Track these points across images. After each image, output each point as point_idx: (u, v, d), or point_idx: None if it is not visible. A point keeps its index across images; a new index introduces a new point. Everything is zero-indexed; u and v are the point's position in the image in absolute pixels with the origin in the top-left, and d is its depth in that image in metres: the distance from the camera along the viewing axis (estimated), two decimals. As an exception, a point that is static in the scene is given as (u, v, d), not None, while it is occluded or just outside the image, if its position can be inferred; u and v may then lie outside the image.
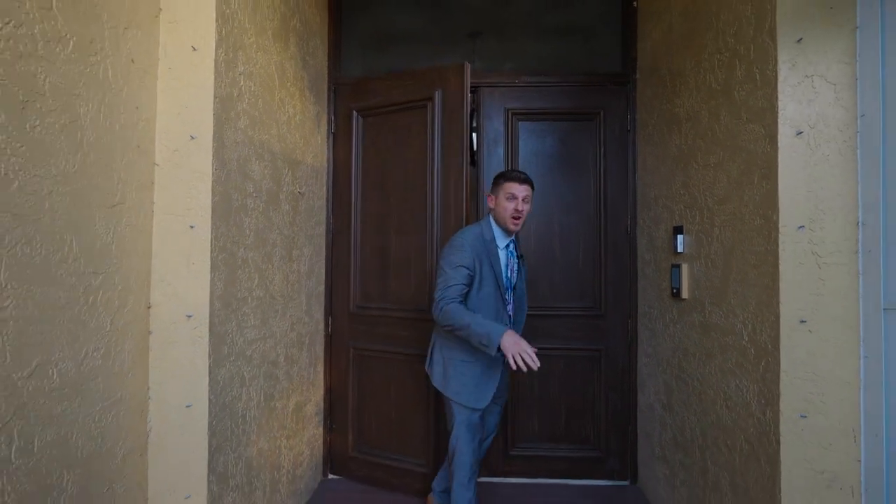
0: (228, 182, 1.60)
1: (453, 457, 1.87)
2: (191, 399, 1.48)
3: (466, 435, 1.84)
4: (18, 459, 1.05)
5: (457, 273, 1.71)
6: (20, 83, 1.04)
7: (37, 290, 1.09)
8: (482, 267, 1.78)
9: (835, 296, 1.40)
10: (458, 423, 1.85)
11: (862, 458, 1.38)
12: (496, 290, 1.82)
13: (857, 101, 1.41)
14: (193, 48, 1.50)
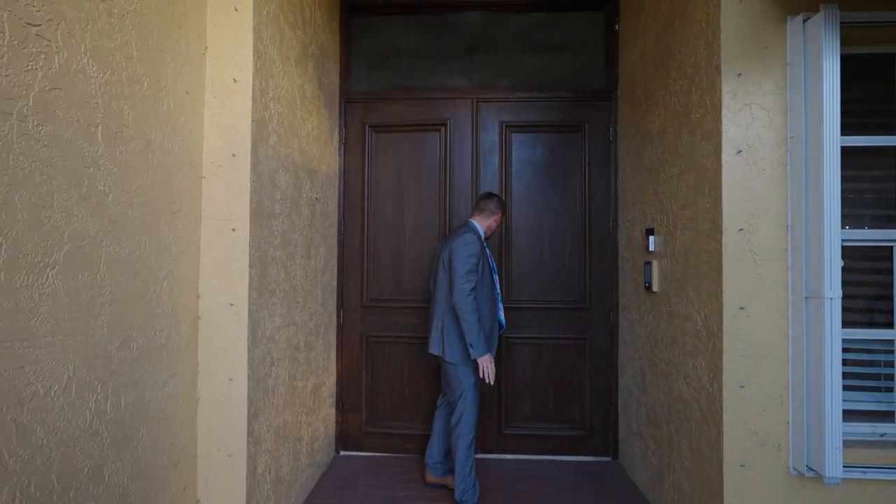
0: (262, 191, 1.90)
1: (460, 422, 2.21)
2: (232, 374, 1.78)
3: (476, 397, 2.27)
4: (111, 412, 1.34)
5: (471, 261, 2.19)
6: (113, 118, 1.34)
7: (123, 280, 1.38)
8: (480, 261, 2.26)
9: (768, 287, 1.69)
10: (468, 388, 2.23)
11: (789, 421, 1.67)
12: (491, 276, 2.33)
13: (786, 125, 1.70)
14: (235, 80, 1.80)
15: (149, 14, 1.48)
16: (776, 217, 1.70)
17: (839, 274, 1.56)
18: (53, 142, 1.15)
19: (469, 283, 2.15)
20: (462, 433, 2.21)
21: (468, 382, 2.23)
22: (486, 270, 2.30)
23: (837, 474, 1.54)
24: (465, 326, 2.14)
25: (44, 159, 1.12)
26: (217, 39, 1.80)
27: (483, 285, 2.26)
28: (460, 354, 2.23)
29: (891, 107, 1.82)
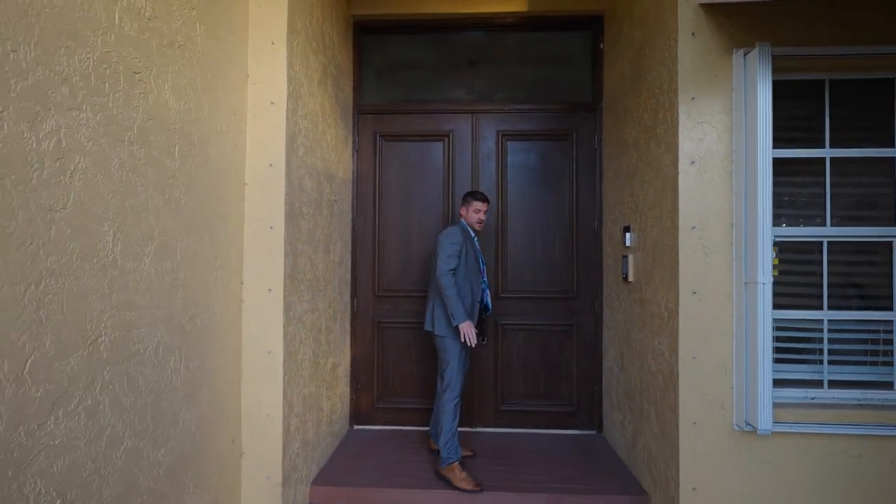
0: (293, 195, 2.25)
1: (447, 389, 2.55)
2: (270, 347, 2.13)
3: (460, 366, 2.60)
4: (184, 372, 1.70)
5: (452, 248, 2.55)
6: (185, 139, 1.69)
7: (191, 268, 1.74)
8: (466, 247, 2.59)
9: (716, 275, 2.04)
10: (452, 357, 2.56)
11: (733, 385, 2.02)
12: (476, 262, 2.65)
13: (732, 140, 2.04)
14: (271, 102, 2.15)
15: (207, 53, 1.83)
16: (723, 217, 2.04)
17: (770, 263, 1.90)
18: (148, 160, 1.50)
19: (447, 264, 2.50)
20: (447, 399, 2.54)
21: (453, 353, 2.56)
22: (471, 256, 2.62)
23: (768, 427, 1.88)
24: (445, 300, 2.48)
25: (142, 173, 1.48)
26: (257, 68, 2.16)
27: (467, 269, 2.59)
28: (446, 328, 2.55)
29: (821, 123, 2.15)
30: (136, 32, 1.43)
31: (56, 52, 1.16)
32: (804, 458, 2.00)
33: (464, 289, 2.57)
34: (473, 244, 2.68)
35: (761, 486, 2.01)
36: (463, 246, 2.58)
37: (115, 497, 1.37)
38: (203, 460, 1.82)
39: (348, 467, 2.70)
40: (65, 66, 1.18)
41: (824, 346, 2.10)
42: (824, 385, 2.10)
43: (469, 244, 2.63)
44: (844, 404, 2.05)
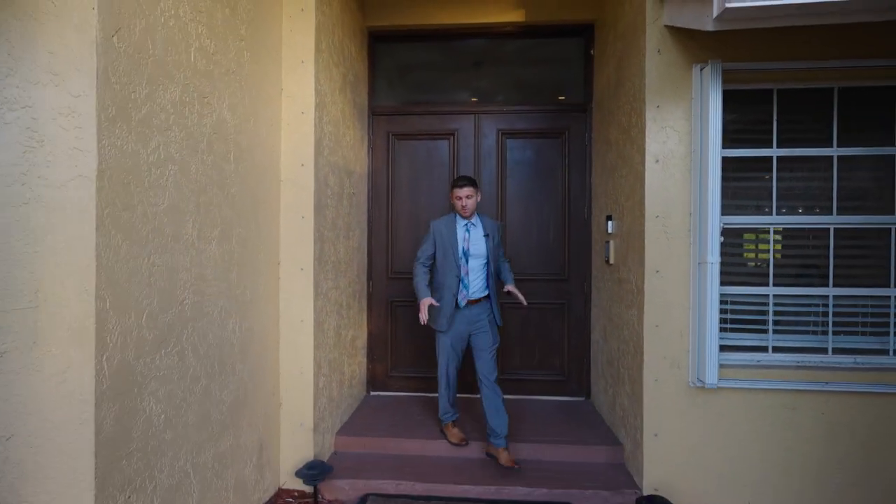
0: (320, 190, 2.67)
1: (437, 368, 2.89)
2: (302, 317, 2.57)
3: (441, 355, 2.83)
4: (238, 332, 2.14)
5: (424, 239, 2.81)
6: (237, 147, 2.11)
7: (242, 250, 2.17)
8: (444, 240, 2.76)
9: (675, 256, 2.41)
10: (439, 353, 2.84)
11: (688, 349, 2.40)
12: (453, 255, 2.74)
13: (690, 142, 2.40)
14: (302, 112, 2.56)
15: (252, 74, 2.24)
16: (682, 207, 2.41)
17: (718, 246, 2.28)
18: (213, 165, 1.92)
19: (418, 261, 2.80)
20: (438, 375, 2.89)
21: (440, 348, 2.83)
22: (448, 247, 2.74)
23: (714, 382, 2.27)
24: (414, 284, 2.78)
25: (209, 176, 1.90)
26: (289, 83, 2.57)
27: (444, 261, 2.76)
28: (435, 323, 2.80)
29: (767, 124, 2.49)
30: (204, 66, 1.85)
31: (156, 89, 1.58)
32: (748, 410, 2.39)
33: (441, 279, 2.77)
34: (454, 235, 2.75)
35: (711, 433, 2.40)
36: (437, 237, 2.76)
37: (196, 422, 1.82)
38: (252, 405, 2.27)
39: (366, 423, 3.15)
40: (162, 98, 1.61)
41: (769, 318, 2.47)
42: (769, 350, 2.47)
43: (449, 235, 2.74)
44: (785, 366, 2.42)
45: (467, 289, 2.74)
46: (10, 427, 1.33)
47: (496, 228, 2.87)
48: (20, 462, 1.34)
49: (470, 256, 2.75)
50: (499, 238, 2.89)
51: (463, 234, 2.76)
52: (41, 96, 1.32)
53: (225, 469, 2.03)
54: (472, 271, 2.76)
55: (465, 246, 2.75)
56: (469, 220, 2.78)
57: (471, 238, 2.76)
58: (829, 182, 2.44)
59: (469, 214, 2.75)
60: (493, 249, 2.81)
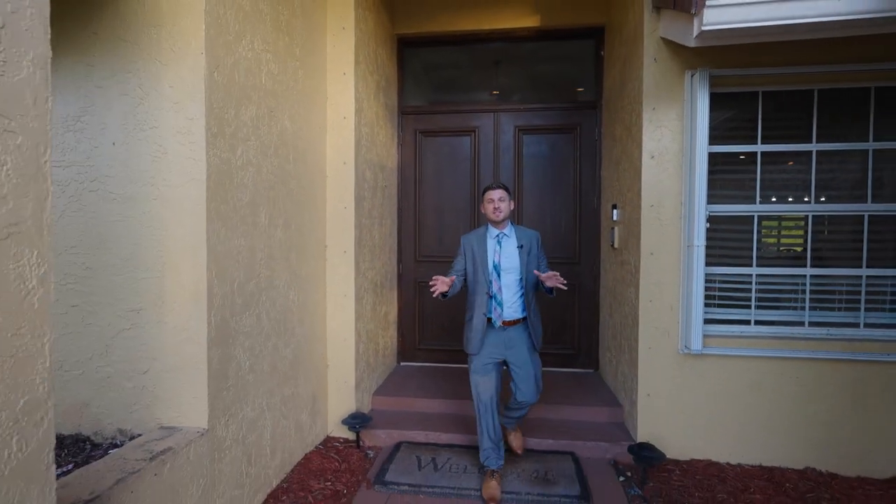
0: (359, 184, 3.10)
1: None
2: (346, 292, 3.03)
3: (473, 382, 2.50)
4: (297, 302, 2.60)
5: (456, 261, 2.57)
6: (295, 149, 2.56)
7: (300, 235, 2.62)
8: (475, 254, 2.49)
9: (668, 240, 2.76)
10: (469, 372, 2.53)
11: (678, 320, 2.76)
12: (483, 270, 2.47)
13: (682, 140, 2.73)
14: (344, 117, 2.99)
15: (305, 87, 2.68)
16: (674, 198, 2.75)
17: (704, 231, 2.62)
18: (278, 166, 2.38)
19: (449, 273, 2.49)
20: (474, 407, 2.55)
21: (471, 370, 2.52)
22: (479, 263, 2.46)
23: (699, 348, 2.63)
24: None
25: (276, 175, 2.35)
26: (333, 93, 3.00)
27: (475, 279, 2.47)
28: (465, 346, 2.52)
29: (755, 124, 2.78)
30: (271, 86, 2.29)
31: (240, 109, 2.03)
32: (731, 374, 2.74)
33: (473, 297, 2.49)
34: (485, 248, 2.47)
35: (697, 393, 2.76)
36: (468, 252, 2.51)
37: (268, 371, 2.30)
38: (306, 363, 2.75)
39: (397, 387, 3.62)
40: (244, 115, 2.06)
41: (752, 295, 2.80)
42: (752, 323, 2.81)
43: (480, 248, 2.47)
44: (765, 336, 2.75)
45: (501, 307, 2.43)
46: (146, 364, 1.82)
47: (534, 239, 2.53)
48: (154, 389, 1.83)
49: (502, 271, 2.44)
50: (538, 249, 2.53)
51: (494, 246, 2.48)
52: (165, 119, 1.78)
53: (289, 411, 2.52)
54: (506, 287, 2.44)
55: (497, 259, 2.45)
56: (501, 231, 2.49)
57: (502, 250, 2.46)
58: (808, 174, 2.74)
59: (501, 220, 2.45)
60: (529, 262, 2.47)
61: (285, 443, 2.49)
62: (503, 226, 2.50)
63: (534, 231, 2.59)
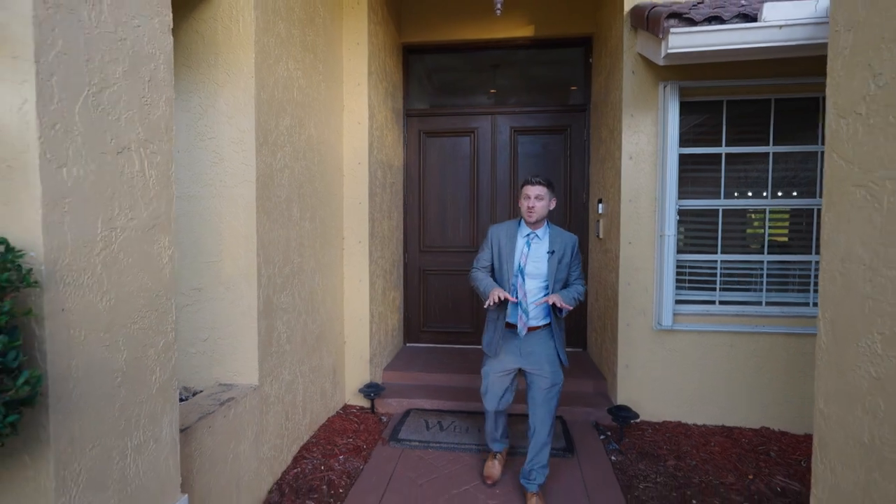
0: (372, 181, 3.49)
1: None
2: (360, 277, 3.43)
3: (484, 381, 2.38)
4: (320, 285, 3.00)
5: (482, 252, 2.38)
6: (318, 153, 2.94)
7: (323, 226, 3.01)
8: (502, 249, 2.29)
9: (644, 231, 3.17)
10: (483, 372, 2.39)
11: (653, 300, 3.17)
12: (508, 267, 2.25)
13: (657, 143, 3.12)
14: (358, 123, 3.37)
15: (326, 98, 3.05)
16: (649, 193, 3.15)
17: (675, 223, 3.02)
18: (306, 167, 2.76)
19: (473, 268, 2.38)
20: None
21: (484, 367, 2.41)
22: (505, 258, 2.26)
23: (669, 324, 3.05)
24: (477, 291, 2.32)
25: (304, 174, 2.74)
26: (349, 101, 3.37)
27: (499, 275, 2.29)
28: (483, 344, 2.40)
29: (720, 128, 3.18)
30: (301, 98, 2.67)
31: (279, 120, 2.41)
32: (697, 347, 3.16)
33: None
34: (513, 245, 2.26)
35: (668, 364, 3.18)
36: (495, 245, 2.31)
37: (299, 342, 2.70)
38: (328, 339, 3.15)
39: (405, 363, 4.03)
40: (281, 125, 2.44)
41: (717, 279, 3.21)
42: (716, 303, 3.22)
43: (508, 244, 2.27)
44: (727, 314, 3.17)
45: (527, 314, 2.22)
46: (206, 333, 2.22)
47: (569, 245, 2.28)
48: (212, 354, 2.22)
49: (527, 276, 2.22)
50: (572, 257, 2.28)
51: (522, 246, 2.26)
52: (222, 130, 2.16)
53: (315, 379, 2.93)
54: (530, 294, 2.22)
55: (522, 262, 2.23)
56: (534, 231, 2.27)
57: (530, 253, 2.24)
58: (765, 173, 3.14)
59: (535, 220, 2.23)
60: (560, 270, 2.24)
61: (313, 406, 2.90)
62: (538, 226, 2.27)
63: (571, 235, 2.32)
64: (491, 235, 2.35)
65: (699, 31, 2.46)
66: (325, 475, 2.52)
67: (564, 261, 2.25)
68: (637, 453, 2.82)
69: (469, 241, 4.50)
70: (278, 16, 2.37)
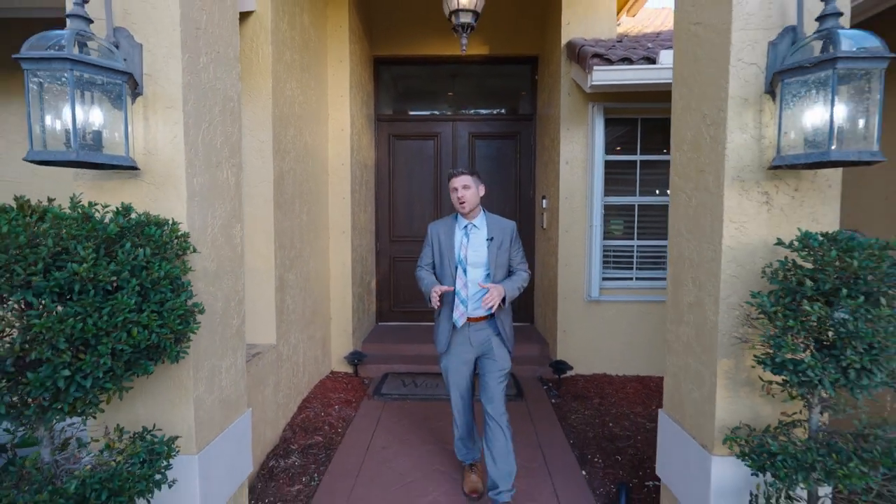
0: (352, 180, 4.06)
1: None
2: (344, 262, 4.00)
3: (446, 382, 2.39)
4: (314, 267, 3.56)
5: (424, 250, 2.43)
6: (312, 157, 3.49)
7: (315, 218, 3.57)
8: (442, 245, 2.33)
9: (577, 222, 3.94)
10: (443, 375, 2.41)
11: (584, 277, 3.96)
12: (449, 261, 2.28)
13: (587, 151, 3.90)
14: (342, 130, 3.93)
15: (317, 109, 3.60)
16: (581, 192, 3.93)
17: (601, 214, 3.81)
18: (304, 169, 3.31)
19: (418, 267, 2.45)
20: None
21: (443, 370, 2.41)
22: (445, 253, 2.29)
23: (596, 296, 3.85)
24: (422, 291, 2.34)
25: (303, 175, 3.29)
26: (333, 111, 3.93)
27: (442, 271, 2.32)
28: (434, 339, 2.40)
29: (636, 139, 4.00)
30: (300, 112, 3.22)
31: (285, 131, 2.96)
32: (618, 314, 3.98)
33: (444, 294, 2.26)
34: (452, 240, 2.29)
35: (596, 328, 3.99)
36: (435, 242, 2.35)
37: (301, 314, 3.26)
38: (319, 314, 3.72)
39: (380, 337, 4.64)
40: (287, 135, 2.99)
41: (633, 260, 4.05)
42: (633, 279, 4.05)
43: (447, 240, 2.30)
44: (642, 288, 4.01)
45: (465, 304, 2.24)
46: (232, 303, 2.76)
47: (507, 231, 2.33)
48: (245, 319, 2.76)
49: (468, 265, 2.25)
50: (510, 242, 2.32)
51: (461, 238, 2.29)
52: (246, 142, 2.70)
53: (312, 346, 3.50)
54: (473, 283, 2.25)
55: (463, 253, 2.26)
56: (471, 222, 2.31)
57: (469, 243, 2.27)
58: (670, 176, 3.99)
59: (469, 211, 2.28)
60: (500, 255, 2.28)
61: (309, 368, 3.47)
62: (473, 216, 2.31)
63: (509, 222, 2.38)
64: (430, 233, 2.40)
65: (615, 69, 3.23)
66: (326, 419, 3.12)
67: (504, 246, 2.29)
68: (571, 396, 3.60)
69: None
70: (285, 46, 2.92)
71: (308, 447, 2.78)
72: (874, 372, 1.15)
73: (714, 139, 1.62)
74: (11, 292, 1.05)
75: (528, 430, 3.09)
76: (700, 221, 1.72)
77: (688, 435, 1.78)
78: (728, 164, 1.55)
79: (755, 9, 1.51)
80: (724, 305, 1.57)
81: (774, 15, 1.50)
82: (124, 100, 1.41)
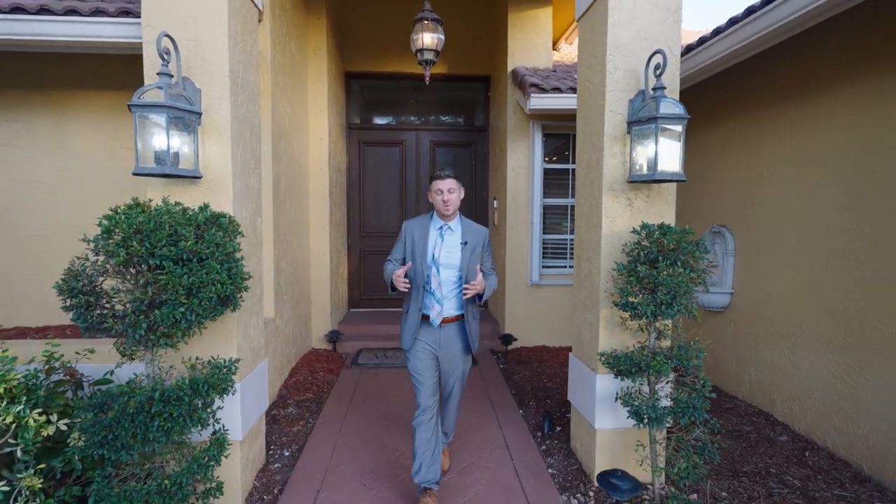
0: (330, 181, 4.68)
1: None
2: (323, 253, 4.62)
3: (412, 378, 2.35)
4: (300, 257, 4.17)
5: (396, 245, 2.44)
6: (297, 162, 4.10)
7: (299, 215, 4.18)
8: (415, 243, 2.31)
9: (521, 219, 4.74)
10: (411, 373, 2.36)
11: (527, 265, 4.76)
12: (422, 259, 2.28)
13: (529, 160, 4.69)
14: (321, 138, 4.55)
15: (300, 121, 4.21)
16: (524, 194, 4.72)
17: (540, 213, 4.62)
18: (292, 173, 3.91)
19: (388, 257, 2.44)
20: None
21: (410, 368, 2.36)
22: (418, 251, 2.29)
23: (537, 280, 4.66)
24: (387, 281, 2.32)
25: (291, 178, 3.89)
26: (314, 123, 4.54)
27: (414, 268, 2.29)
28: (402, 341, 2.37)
29: (569, 152, 4.83)
30: (289, 125, 3.83)
31: (280, 142, 3.57)
32: (555, 296, 4.80)
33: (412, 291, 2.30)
34: (426, 238, 2.30)
35: (537, 307, 4.79)
36: (409, 240, 2.34)
37: (289, 295, 3.87)
38: (303, 298, 4.33)
39: (353, 320, 5.28)
40: (281, 146, 3.60)
41: (567, 251, 4.88)
42: (566, 267, 4.89)
43: (421, 238, 2.31)
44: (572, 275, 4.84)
45: (441, 304, 2.27)
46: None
47: (481, 237, 2.39)
48: (242, 298, 3.36)
49: (441, 266, 2.28)
50: (482, 248, 2.39)
51: (436, 238, 2.31)
52: (248, 151, 3.29)
53: (298, 324, 4.11)
54: (445, 284, 2.29)
55: (436, 253, 2.29)
56: (447, 223, 2.34)
57: (444, 244, 2.30)
58: (596, 182, 4.86)
59: (450, 213, 2.32)
60: (472, 260, 2.32)
61: (296, 342, 4.08)
62: (450, 218, 2.34)
63: (483, 228, 2.43)
64: (405, 230, 2.38)
65: (548, 96, 4.03)
66: (314, 382, 3.75)
67: (476, 251, 2.33)
68: (515, 362, 4.39)
69: (399, 228, 5.83)
70: (279, 72, 3.53)
71: (302, 401, 3.42)
72: (673, 305, 1.95)
73: (597, 161, 2.41)
74: (147, 259, 1.68)
75: (480, 386, 3.84)
76: (591, 217, 2.51)
77: (584, 365, 2.57)
78: (605, 179, 2.34)
79: (621, 78, 2.30)
80: (603, 273, 2.36)
81: (632, 82, 2.30)
82: (195, 130, 2.03)
